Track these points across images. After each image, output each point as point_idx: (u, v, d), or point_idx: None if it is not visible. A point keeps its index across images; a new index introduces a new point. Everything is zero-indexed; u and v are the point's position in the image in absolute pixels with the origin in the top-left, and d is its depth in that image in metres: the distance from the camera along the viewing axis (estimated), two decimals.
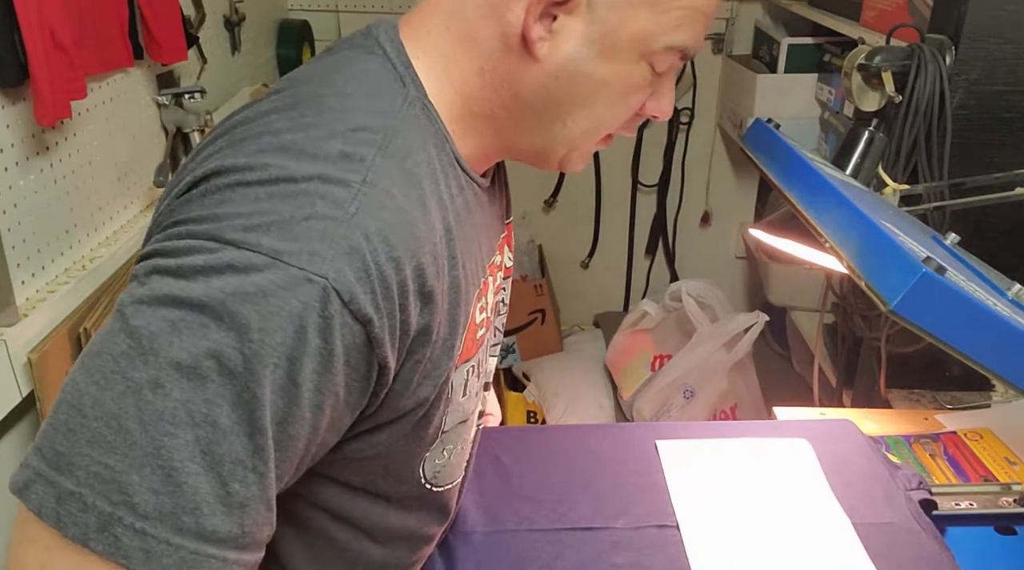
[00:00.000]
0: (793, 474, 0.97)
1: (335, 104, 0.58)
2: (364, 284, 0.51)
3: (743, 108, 2.12)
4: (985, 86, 1.21)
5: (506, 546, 0.87)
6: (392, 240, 0.53)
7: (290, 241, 0.50)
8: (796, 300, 1.96)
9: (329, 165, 0.53)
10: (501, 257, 0.78)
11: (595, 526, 0.89)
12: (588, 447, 1.03)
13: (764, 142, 0.99)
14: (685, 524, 0.89)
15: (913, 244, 0.71)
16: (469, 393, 0.69)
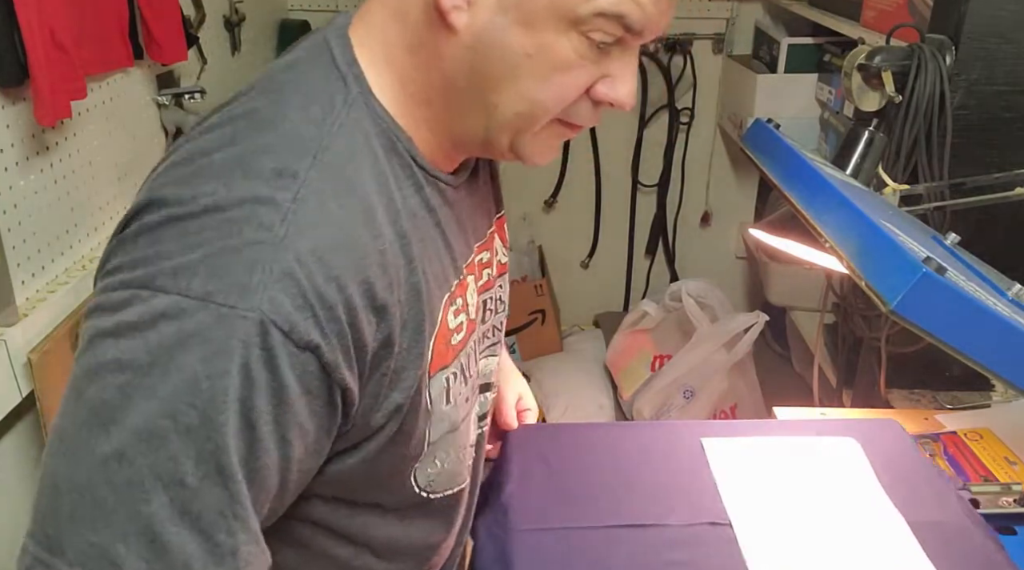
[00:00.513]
0: (843, 473, 0.97)
1: (268, 115, 0.55)
2: (303, 310, 0.49)
3: (743, 108, 2.12)
4: (985, 86, 1.21)
5: (559, 543, 0.87)
6: (329, 259, 0.50)
7: (219, 278, 0.48)
8: (796, 300, 1.96)
9: (260, 185, 0.51)
10: (490, 254, 0.74)
11: (647, 523, 0.89)
12: (633, 445, 1.03)
13: (764, 142, 0.99)
14: (738, 522, 0.89)
15: (913, 244, 0.71)
16: (454, 400, 0.66)
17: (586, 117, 0.61)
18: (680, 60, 2.31)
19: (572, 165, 2.43)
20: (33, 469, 1.07)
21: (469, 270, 0.68)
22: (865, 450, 1.00)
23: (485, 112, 0.59)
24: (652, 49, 2.30)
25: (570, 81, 0.57)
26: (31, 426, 1.05)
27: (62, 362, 1.06)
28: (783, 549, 0.86)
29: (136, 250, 0.51)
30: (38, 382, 1.00)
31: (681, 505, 0.91)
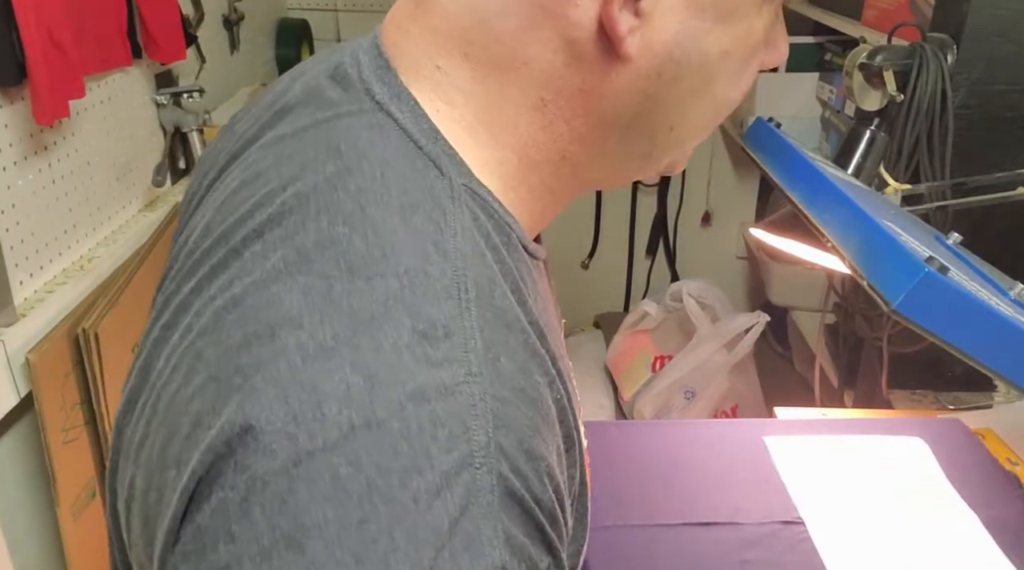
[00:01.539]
0: (912, 471, 0.98)
1: (366, 249, 0.37)
2: (533, 534, 0.35)
3: (744, 107, 2.11)
4: (987, 85, 1.20)
5: (634, 540, 0.87)
6: (534, 445, 0.36)
7: (426, 546, 0.31)
8: (797, 300, 1.96)
9: (410, 365, 0.34)
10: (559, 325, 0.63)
11: (719, 521, 0.89)
12: (694, 443, 1.04)
13: (765, 141, 0.99)
14: (811, 521, 0.89)
15: (915, 244, 0.70)
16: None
17: None
18: None
19: None
20: (30, 470, 1.06)
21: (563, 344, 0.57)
22: (932, 449, 1.00)
23: (651, 140, 0.47)
24: None
25: (755, 65, 0.48)
26: (29, 427, 1.05)
27: (60, 363, 1.05)
28: (859, 547, 0.86)
29: (254, 543, 0.32)
30: (36, 383, 1.00)
31: (750, 504, 0.92)
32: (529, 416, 0.37)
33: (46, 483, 1.04)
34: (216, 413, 0.34)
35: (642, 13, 0.41)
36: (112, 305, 1.13)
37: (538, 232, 0.53)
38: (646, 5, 0.41)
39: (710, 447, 1.02)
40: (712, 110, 0.48)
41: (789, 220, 0.99)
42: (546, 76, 0.43)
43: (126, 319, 1.16)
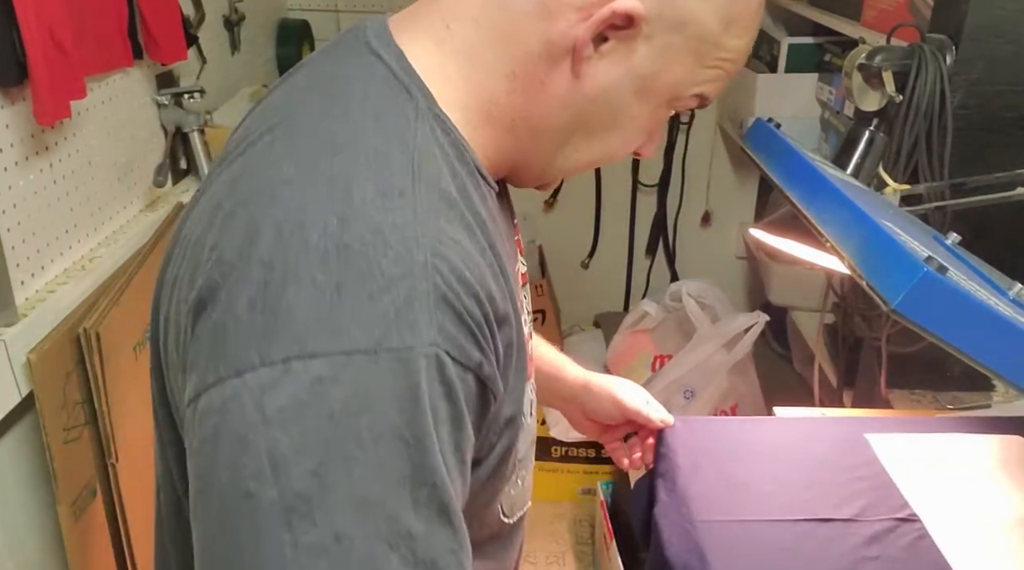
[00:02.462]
0: (1017, 470, 0.98)
1: (346, 137, 0.51)
2: (464, 332, 0.47)
3: (743, 108, 2.11)
4: (986, 86, 1.20)
5: (750, 536, 0.87)
6: (465, 275, 0.48)
7: (380, 323, 0.44)
8: (797, 300, 1.96)
9: (372, 211, 0.47)
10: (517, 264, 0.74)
11: (833, 518, 0.89)
12: (794, 439, 1.04)
13: (765, 142, 0.99)
14: (927, 518, 0.89)
15: (914, 244, 0.71)
16: (532, 411, 0.65)
17: None
18: None
19: None
20: (31, 470, 1.06)
21: (521, 280, 0.68)
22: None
23: (563, 152, 0.60)
24: None
25: (640, 140, 0.62)
26: (30, 427, 1.05)
27: (61, 363, 1.06)
28: (979, 544, 0.86)
29: (254, 324, 0.45)
30: (37, 383, 1.00)
31: (860, 500, 0.92)
32: (463, 258, 0.49)
33: (47, 482, 1.04)
34: (223, 238, 0.48)
35: (602, 53, 0.55)
36: (113, 305, 1.13)
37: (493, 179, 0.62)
38: (606, 49, 0.55)
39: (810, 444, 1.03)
40: (604, 152, 0.61)
41: (788, 220, 0.99)
42: (524, 57, 0.55)
43: (127, 319, 1.16)
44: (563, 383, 0.95)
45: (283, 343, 0.44)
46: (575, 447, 2.15)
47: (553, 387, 0.95)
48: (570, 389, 0.95)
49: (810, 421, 1.13)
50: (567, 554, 2.08)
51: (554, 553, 2.08)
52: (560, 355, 0.97)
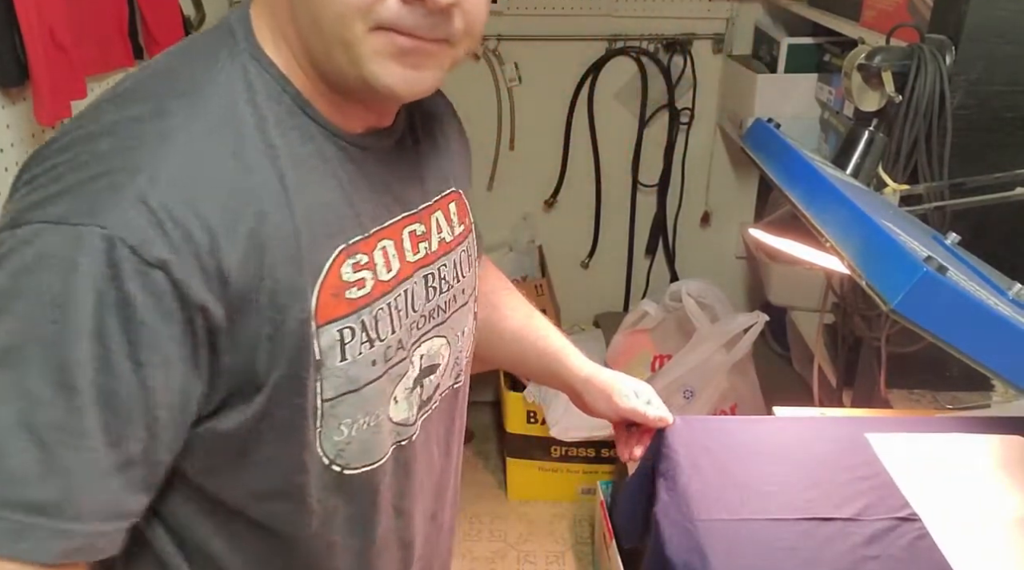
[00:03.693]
0: (1017, 469, 0.98)
1: (156, 70, 0.61)
2: (153, 227, 0.52)
3: (743, 108, 2.12)
4: (985, 86, 1.21)
5: (751, 535, 0.87)
6: (188, 183, 0.54)
7: (76, 201, 0.51)
8: (796, 300, 1.96)
9: (129, 123, 0.55)
10: (425, 228, 0.72)
11: (834, 517, 0.90)
12: (794, 439, 1.04)
13: (765, 142, 0.99)
14: (927, 518, 0.89)
15: (914, 244, 0.71)
16: (352, 357, 0.63)
17: (397, 15, 0.58)
18: (680, 60, 2.31)
19: (572, 165, 2.43)
20: None
21: (387, 234, 0.67)
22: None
23: (320, 36, 0.59)
24: (652, 49, 2.30)
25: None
26: None
27: None
28: (979, 544, 0.86)
29: (15, 199, 0.54)
30: None
31: (862, 500, 0.92)
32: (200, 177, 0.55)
33: None
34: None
35: None
36: None
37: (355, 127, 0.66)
38: None
39: (811, 443, 1.03)
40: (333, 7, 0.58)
41: (788, 220, 0.99)
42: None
43: None
44: (564, 371, 0.96)
45: (13, 213, 0.53)
46: (575, 447, 2.15)
47: (554, 372, 0.96)
48: (570, 379, 0.96)
49: (810, 421, 1.13)
50: (567, 554, 2.08)
51: (554, 553, 2.09)
52: (567, 344, 0.98)
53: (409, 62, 0.60)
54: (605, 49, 2.30)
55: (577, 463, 2.17)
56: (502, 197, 2.43)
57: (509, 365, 1.07)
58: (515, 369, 1.14)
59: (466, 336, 0.80)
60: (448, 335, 0.76)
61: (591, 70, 2.32)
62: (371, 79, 0.59)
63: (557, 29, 2.27)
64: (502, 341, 0.96)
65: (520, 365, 1.03)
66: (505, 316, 0.96)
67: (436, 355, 0.75)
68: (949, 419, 1.12)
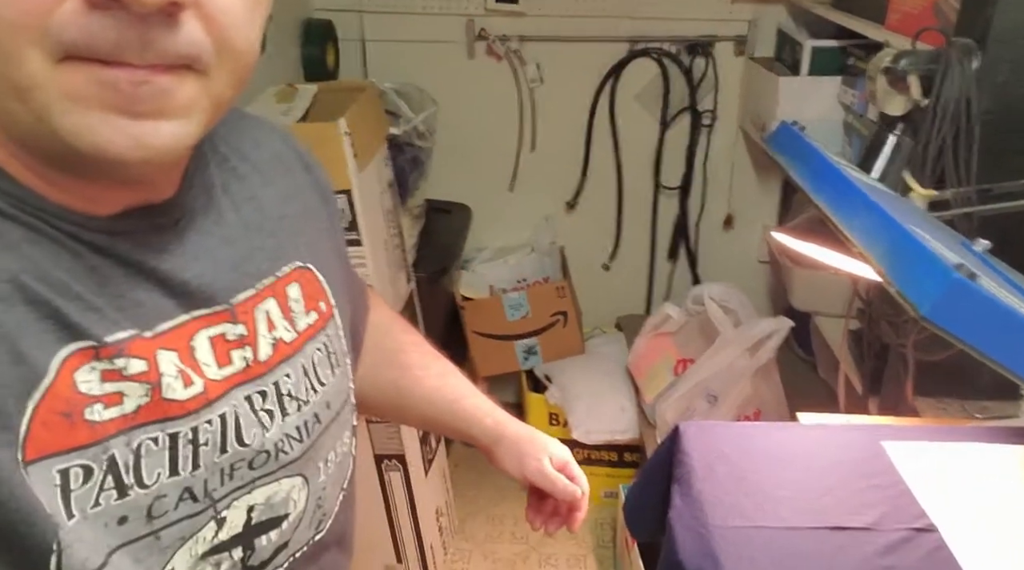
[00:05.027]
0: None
1: None
2: None
3: (765, 111, 2.11)
4: (1013, 89, 1.19)
5: (765, 542, 0.87)
6: None
7: None
8: (820, 305, 1.94)
9: None
10: (243, 327, 0.53)
11: (849, 526, 0.89)
12: (811, 446, 1.04)
13: (790, 144, 0.99)
14: (945, 529, 0.89)
15: (944, 250, 0.70)
16: (87, 515, 0.44)
17: (86, 31, 0.39)
18: (702, 62, 2.30)
19: (594, 166, 2.43)
20: None
21: (165, 343, 0.48)
22: None
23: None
24: (674, 51, 2.29)
25: None
26: None
27: None
28: (998, 556, 0.85)
29: None
30: None
31: (878, 508, 0.91)
32: None
33: None
34: None
35: None
36: None
37: (100, 208, 0.47)
38: None
39: (828, 450, 1.02)
40: None
41: (813, 224, 0.99)
42: None
43: None
44: (479, 431, 0.84)
45: None
46: (597, 450, 2.15)
47: (469, 433, 0.85)
48: (484, 438, 0.84)
49: (828, 428, 1.12)
50: (588, 557, 2.08)
51: (575, 556, 2.08)
52: (483, 401, 0.86)
53: (129, 106, 0.40)
54: (627, 50, 2.30)
55: (600, 466, 2.17)
56: (524, 198, 2.44)
57: (422, 426, 0.97)
58: (428, 428, 1.02)
59: (335, 464, 0.61)
60: (306, 471, 0.57)
61: (613, 71, 2.32)
62: (70, 138, 0.40)
63: (579, 30, 2.27)
64: (414, 404, 0.84)
65: (434, 426, 0.91)
66: (417, 378, 0.84)
67: (283, 503, 0.55)
68: (972, 428, 1.11)
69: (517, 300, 2.24)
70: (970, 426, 1.14)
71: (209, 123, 0.45)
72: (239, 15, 0.43)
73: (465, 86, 2.29)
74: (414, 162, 1.93)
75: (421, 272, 1.91)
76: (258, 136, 0.62)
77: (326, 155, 1.44)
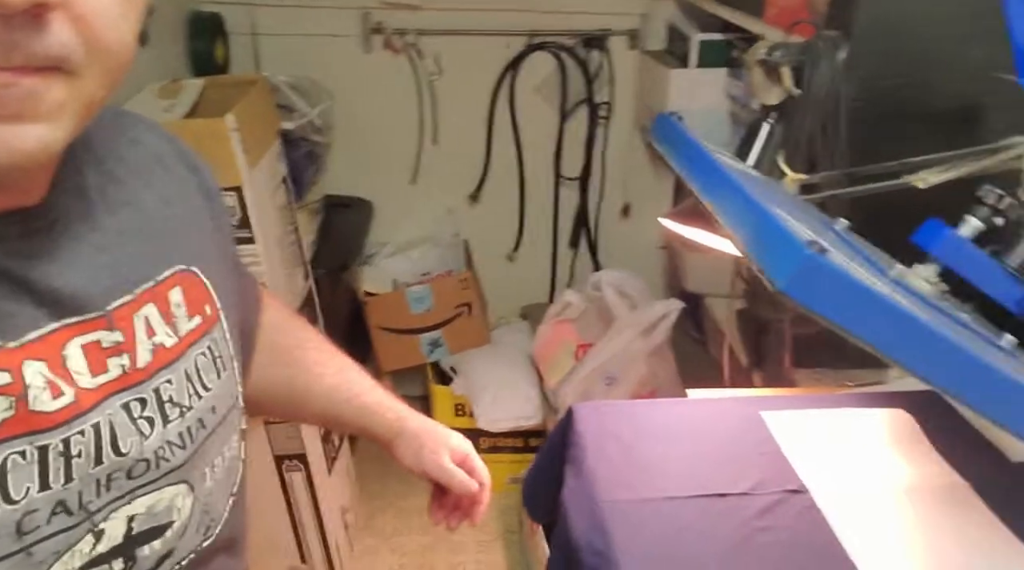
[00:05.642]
0: (901, 442, 1.04)
1: None
2: None
3: (658, 102, 2.17)
4: (877, 80, 1.27)
5: (652, 513, 0.90)
6: None
7: None
8: (710, 287, 2.03)
9: None
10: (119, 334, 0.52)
11: (729, 492, 0.94)
12: (694, 419, 1.09)
13: (668, 135, 1.03)
14: (815, 489, 0.94)
15: (802, 229, 0.75)
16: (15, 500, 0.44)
17: None
18: (597, 56, 2.36)
19: (495, 159, 2.45)
20: None
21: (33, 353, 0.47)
22: (917, 420, 1.08)
23: None
24: (571, 44, 2.33)
25: None
26: None
27: None
28: (863, 514, 0.91)
29: None
30: None
31: (755, 475, 0.97)
32: None
33: None
34: None
35: None
36: None
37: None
38: None
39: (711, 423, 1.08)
40: None
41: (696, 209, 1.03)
42: None
43: None
44: (379, 426, 0.85)
45: None
46: (503, 437, 2.18)
47: (369, 429, 0.85)
48: (385, 433, 0.85)
49: (713, 402, 1.18)
50: (495, 543, 2.11)
51: (483, 542, 2.11)
52: (383, 396, 0.86)
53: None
54: (525, 44, 2.33)
55: (505, 454, 2.19)
56: (426, 191, 2.44)
57: (321, 424, 0.97)
58: (328, 426, 1.03)
59: (223, 469, 0.60)
60: (190, 477, 0.55)
61: (512, 65, 2.34)
62: None
63: (477, 24, 2.28)
64: (312, 402, 0.83)
65: (334, 423, 0.92)
66: (314, 375, 0.83)
67: (166, 511, 0.54)
68: (843, 396, 1.19)
69: (421, 293, 2.24)
70: (841, 393, 1.21)
71: (80, 125, 0.44)
72: (110, 13, 0.42)
73: (363, 80, 2.27)
74: (310, 157, 1.90)
75: (320, 269, 1.89)
76: (135, 135, 0.60)
77: (214, 152, 1.41)
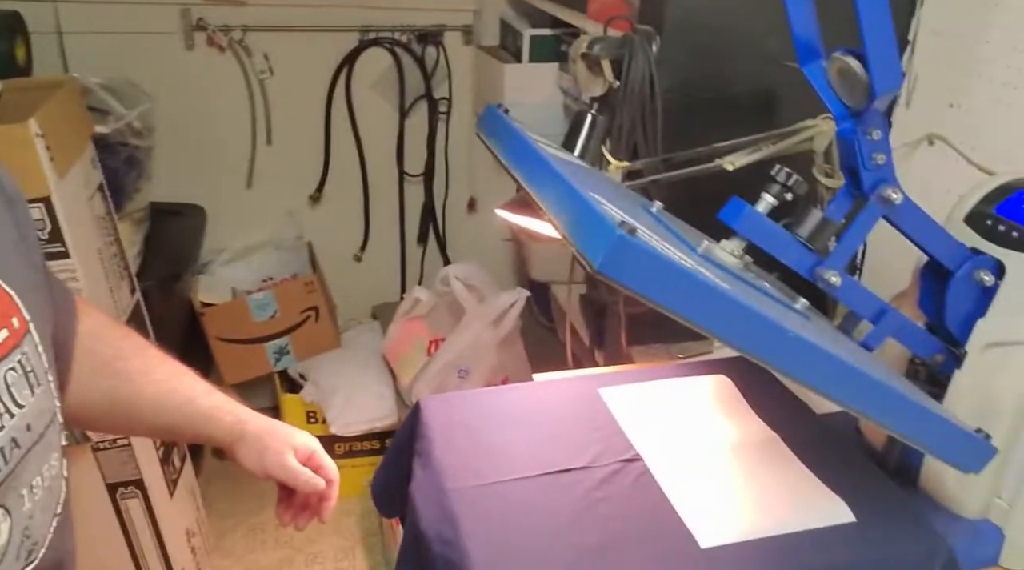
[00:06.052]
0: (723, 405, 1.13)
1: None
2: None
3: (494, 97, 2.21)
4: (686, 71, 1.36)
5: (497, 496, 0.92)
6: None
7: None
8: (554, 274, 2.09)
9: None
10: None
11: (572, 467, 0.98)
12: (539, 401, 1.13)
13: (494, 126, 1.06)
14: (648, 456, 1.00)
15: (617, 212, 0.79)
16: None
17: None
18: (433, 51, 2.37)
19: (335, 157, 2.40)
20: None
21: None
22: (736, 384, 1.17)
23: None
24: (405, 40, 2.33)
25: None
26: None
27: None
28: (690, 473, 0.98)
29: None
30: None
31: (594, 448, 1.02)
32: None
33: None
34: None
35: None
36: None
37: None
38: None
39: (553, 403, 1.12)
40: None
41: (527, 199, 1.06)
42: None
43: None
44: (217, 431, 0.82)
45: None
46: (359, 441, 2.15)
47: (208, 435, 0.83)
48: (225, 438, 0.83)
49: (556, 383, 1.23)
50: (356, 548, 2.08)
51: (343, 549, 2.07)
52: (221, 400, 0.84)
53: None
54: (358, 40, 2.30)
55: (362, 457, 2.17)
56: (263, 194, 2.36)
57: (154, 435, 0.92)
58: (162, 437, 0.99)
59: (43, 489, 0.57)
60: (7, 501, 0.53)
61: (346, 61, 2.31)
62: None
63: (307, 20, 2.23)
64: (139, 412, 0.79)
65: (167, 432, 0.89)
66: (140, 384, 0.79)
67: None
68: (673, 367, 1.27)
69: (263, 300, 2.17)
70: (672, 365, 1.29)
71: None
72: None
73: (186, 79, 2.17)
74: (130, 162, 1.79)
75: (149, 280, 1.78)
76: None
77: (16, 160, 1.30)
